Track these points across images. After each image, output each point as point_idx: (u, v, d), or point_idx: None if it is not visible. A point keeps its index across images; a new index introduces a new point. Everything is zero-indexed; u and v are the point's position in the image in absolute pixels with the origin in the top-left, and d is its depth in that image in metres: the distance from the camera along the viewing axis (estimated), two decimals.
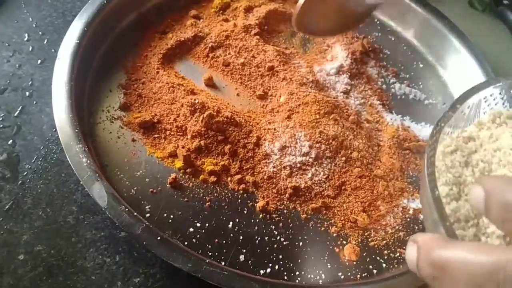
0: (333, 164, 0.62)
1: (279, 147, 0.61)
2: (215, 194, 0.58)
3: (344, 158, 0.62)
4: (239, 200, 0.58)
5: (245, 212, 0.57)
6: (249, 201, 0.58)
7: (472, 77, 0.73)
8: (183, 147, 0.60)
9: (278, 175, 0.60)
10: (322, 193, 0.60)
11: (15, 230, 0.53)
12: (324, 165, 0.61)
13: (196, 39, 0.72)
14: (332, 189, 0.60)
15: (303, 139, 0.62)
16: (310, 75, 0.70)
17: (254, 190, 0.59)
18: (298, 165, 0.61)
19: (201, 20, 0.75)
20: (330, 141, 0.62)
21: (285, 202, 0.59)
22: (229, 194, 0.58)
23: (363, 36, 0.80)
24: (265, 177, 0.60)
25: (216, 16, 0.76)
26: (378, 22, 0.83)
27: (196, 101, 0.61)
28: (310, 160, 0.61)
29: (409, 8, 0.80)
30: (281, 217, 0.58)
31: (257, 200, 0.58)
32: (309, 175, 0.60)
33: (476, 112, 0.46)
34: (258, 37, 0.72)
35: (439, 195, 0.37)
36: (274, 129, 0.63)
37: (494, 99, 0.45)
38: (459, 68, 0.76)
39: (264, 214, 0.57)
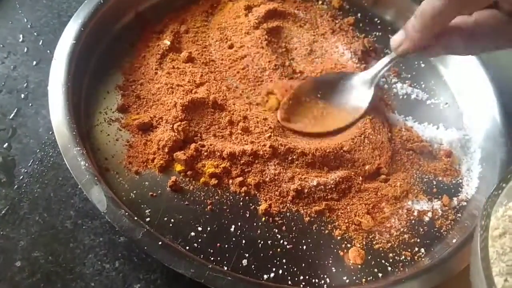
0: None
1: None
2: (217, 197, 0.57)
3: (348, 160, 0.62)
4: (241, 203, 0.57)
5: (247, 215, 0.56)
6: (251, 204, 0.57)
7: (473, 76, 0.72)
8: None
9: (280, 177, 0.59)
10: (326, 195, 0.59)
11: (11, 236, 0.51)
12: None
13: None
14: (336, 191, 0.59)
15: None
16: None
17: (256, 192, 0.58)
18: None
19: None
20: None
21: (288, 204, 0.58)
22: (231, 197, 0.57)
23: (363, 35, 0.79)
24: (267, 179, 0.59)
25: None
26: (378, 22, 0.82)
27: None
28: None
29: (410, 7, 0.79)
30: (284, 220, 0.56)
31: (259, 203, 0.57)
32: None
33: None
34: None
35: None
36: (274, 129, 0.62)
37: None
38: (460, 67, 0.75)
39: (266, 217, 0.56)
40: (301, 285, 0.52)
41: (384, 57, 0.65)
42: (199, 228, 0.54)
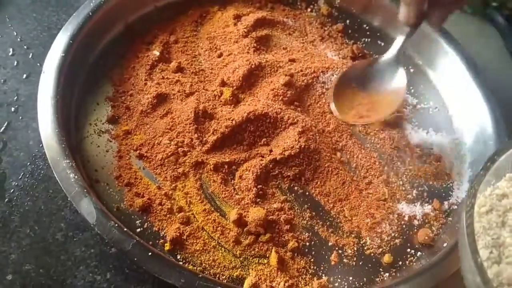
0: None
1: None
2: None
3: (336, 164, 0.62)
4: None
5: None
6: None
7: (462, 80, 0.72)
8: None
9: None
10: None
11: (2, 249, 0.52)
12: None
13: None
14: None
15: None
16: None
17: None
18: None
19: None
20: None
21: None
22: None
23: (352, 42, 0.79)
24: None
25: None
26: (367, 28, 0.82)
27: None
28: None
29: (397, 13, 0.79)
30: None
31: None
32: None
33: (506, 165, 0.45)
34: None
35: (481, 261, 0.37)
36: None
37: None
38: (448, 71, 0.75)
39: None
40: None
41: (398, 36, 0.65)
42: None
